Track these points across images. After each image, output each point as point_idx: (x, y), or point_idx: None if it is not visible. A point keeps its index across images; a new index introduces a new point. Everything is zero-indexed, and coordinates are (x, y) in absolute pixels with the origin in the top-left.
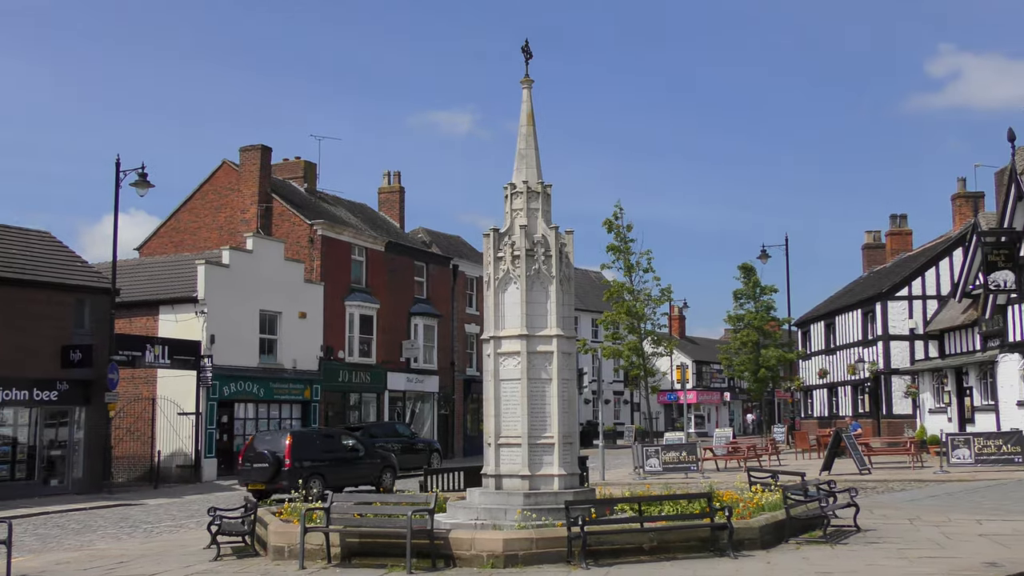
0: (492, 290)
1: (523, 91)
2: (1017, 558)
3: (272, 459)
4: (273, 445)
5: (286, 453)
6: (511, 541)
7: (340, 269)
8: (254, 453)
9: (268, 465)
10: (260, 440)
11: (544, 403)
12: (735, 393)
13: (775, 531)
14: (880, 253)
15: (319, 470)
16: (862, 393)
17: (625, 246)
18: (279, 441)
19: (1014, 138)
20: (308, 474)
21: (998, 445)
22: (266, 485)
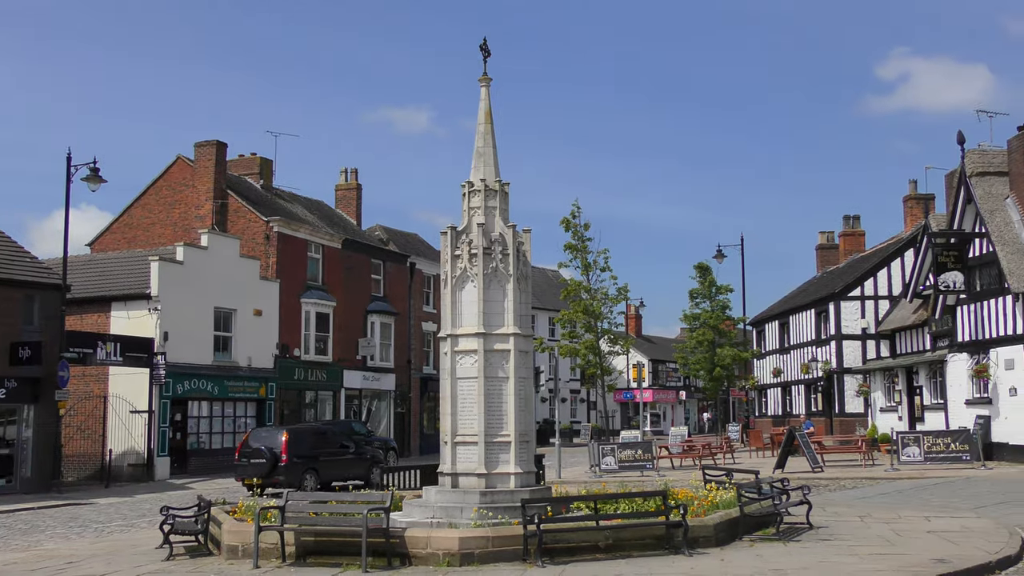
0: (449, 288)
1: (481, 89)
2: (964, 554)
3: (269, 455)
4: (270, 441)
5: (282, 449)
6: (467, 539)
7: (296, 266)
8: (250, 449)
9: (265, 460)
10: (256, 436)
11: (501, 401)
12: (690, 392)
13: (729, 529)
14: (834, 253)
15: (313, 465)
16: (815, 392)
17: (582, 245)
18: (275, 437)
19: (964, 141)
20: (303, 469)
21: (947, 443)
22: (263, 480)
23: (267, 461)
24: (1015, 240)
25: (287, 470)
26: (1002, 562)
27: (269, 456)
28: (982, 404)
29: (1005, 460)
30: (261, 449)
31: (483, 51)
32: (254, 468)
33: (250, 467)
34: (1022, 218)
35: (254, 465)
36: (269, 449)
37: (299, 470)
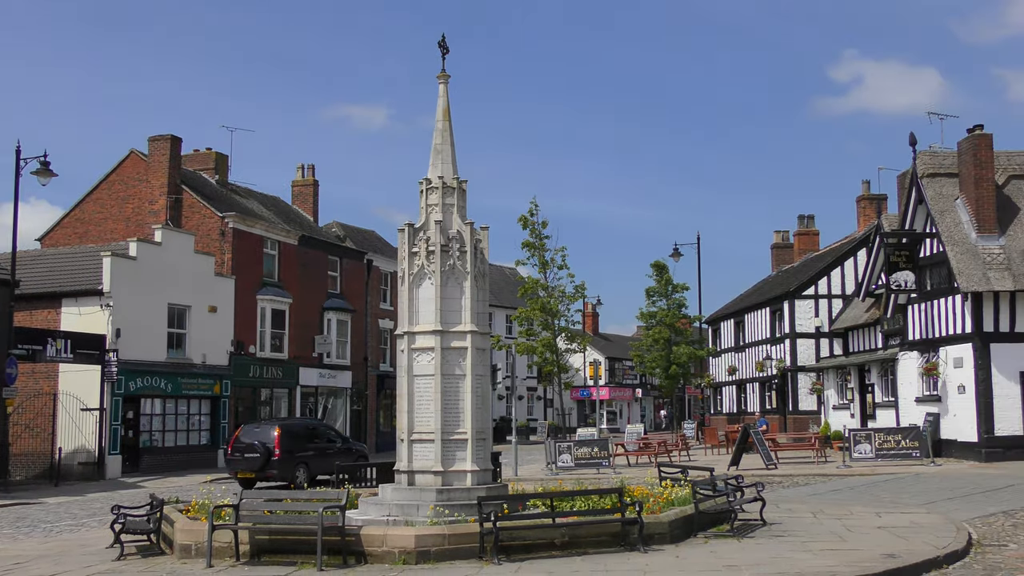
0: (407, 285)
1: (439, 86)
2: (913, 549)
3: (263, 449)
4: (263, 436)
5: (275, 444)
6: (423, 537)
7: (252, 262)
8: (244, 444)
9: (259, 455)
10: (248, 432)
11: (458, 399)
12: (647, 389)
13: (684, 525)
14: (788, 252)
15: (304, 460)
16: (770, 390)
17: (540, 243)
18: (268, 433)
19: (915, 143)
20: (295, 463)
21: (897, 440)
22: (256, 474)
23: (261, 455)
24: (964, 240)
25: (280, 464)
26: (949, 557)
27: (263, 451)
28: (932, 402)
29: (953, 457)
30: (255, 444)
31: (441, 48)
32: (248, 462)
33: (244, 461)
34: (971, 219)
35: (248, 459)
36: (262, 444)
37: (291, 464)
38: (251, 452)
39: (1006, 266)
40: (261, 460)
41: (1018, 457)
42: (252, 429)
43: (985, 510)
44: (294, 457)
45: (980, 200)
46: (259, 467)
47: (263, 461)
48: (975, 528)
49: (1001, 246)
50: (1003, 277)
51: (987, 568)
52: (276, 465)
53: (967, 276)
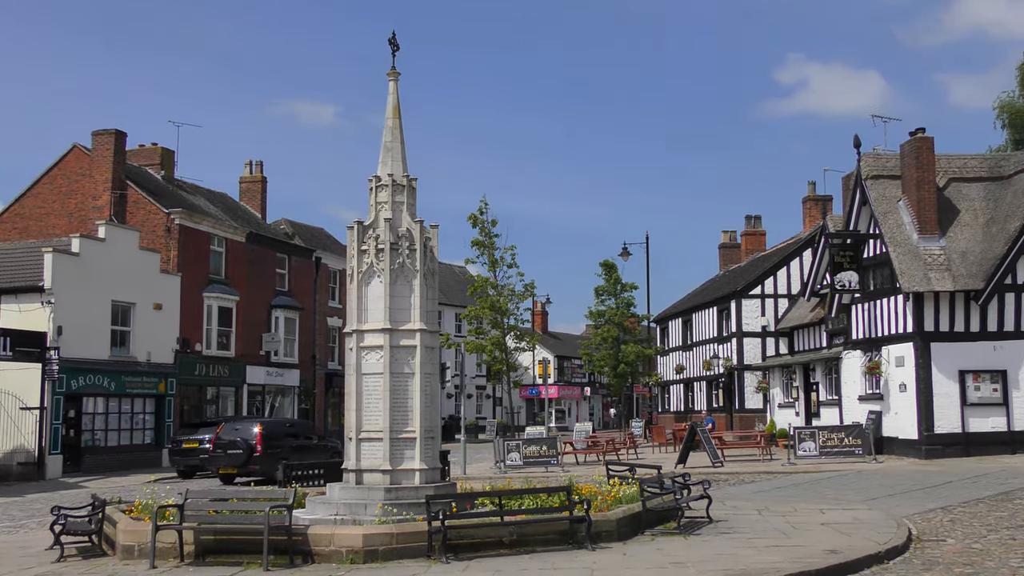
0: (355, 283)
1: (389, 83)
2: (855, 545)
3: (245, 446)
4: (244, 433)
5: (257, 440)
6: (371, 536)
7: (198, 260)
8: (226, 441)
9: (241, 451)
10: (229, 429)
11: (406, 397)
12: (595, 388)
13: (632, 523)
14: (736, 252)
15: (283, 456)
16: (716, 388)
17: (490, 241)
18: (250, 429)
19: (859, 145)
20: (276, 459)
21: (841, 438)
22: (238, 470)
23: (243, 452)
24: (906, 242)
25: (261, 460)
26: (890, 552)
27: (245, 447)
28: (874, 400)
29: (895, 454)
30: (236, 441)
31: (392, 45)
32: (230, 459)
33: (226, 458)
34: (913, 220)
35: (230, 456)
36: (244, 440)
37: (272, 460)
38: (233, 448)
39: (946, 267)
40: (243, 456)
41: (956, 454)
42: (233, 426)
43: (924, 506)
44: (275, 453)
45: (922, 202)
46: (241, 463)
47: (245, 457)
48: (915, 524)
49: (942, 247)
50: (943, 278)
51: (926, 563)
52: (258, 461)
53: (909, 277)
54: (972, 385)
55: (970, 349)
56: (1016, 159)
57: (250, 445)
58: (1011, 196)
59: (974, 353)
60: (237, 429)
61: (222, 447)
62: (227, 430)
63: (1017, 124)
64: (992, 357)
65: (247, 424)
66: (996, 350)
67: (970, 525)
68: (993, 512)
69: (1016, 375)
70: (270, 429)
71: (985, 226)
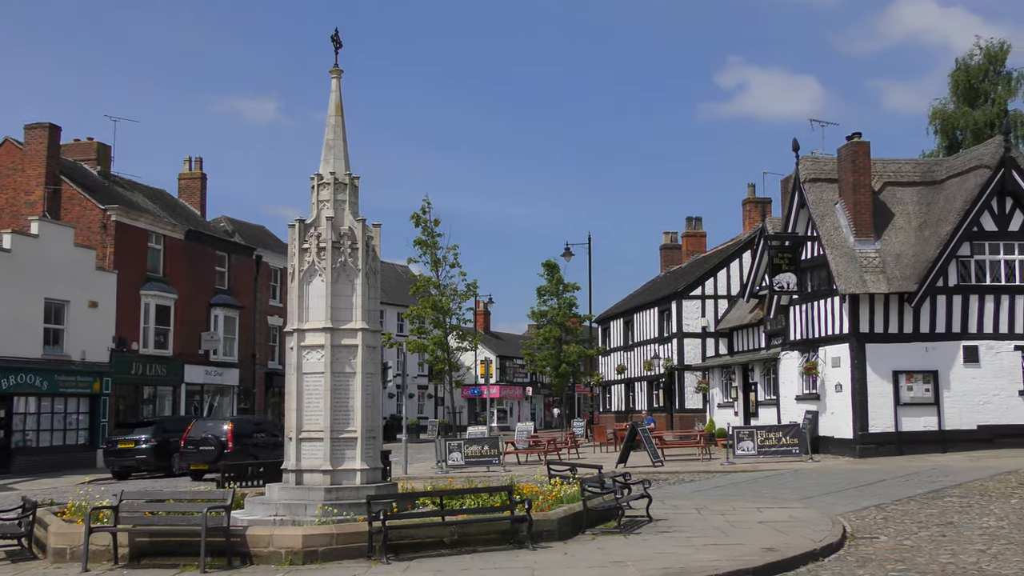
0: (297, 282)
1: (332, 80)
2: (792, 543)
3: (216, 443)
4: (215, 431)
5: (229, 437)
6: (311, 537)
7: (136, 257)
8: (197, 438)
9: (213, 448)
10: (200, 427)
11: (348, 397)
12: (537, 388)
13: (573, 523)
14: (677, 253)
15: (253, 452)
16: (657, 388)
17: (432, 241)
18: (220, 427)
19: (798, 148)
20: (246, 455)
21: (778, 437)
22: (209, 465)
23: (215, 448)
24: (843, 244)
25: (233, 456)
26: (826, 549)
27: (216, 444)
28: (811, 400)
29: (831, 453)
30: (208, 438)
31: (334, 42)
32: (203, 455)
33: (198, 454)
34: (850, 223)
35: (203, 452)
36: (216, 438)
37: (243, 456)
38: (205, 445)
39: (881, 269)
40: (215, 453)
41: (890, 453)
42: (204, 424)
43: (859, 504)
44: (245, 449)
45: (858, 205)
46: (213, 459)
47: (217, 454)
48: (849, 521)
49: (877, 250)
50: (878, 280)
51: (860, 559)
52: (229, 457)
53: (845, 279)
54: (905, 385)
55: (903, 350)
56: (948, 164)
57: (221, 442)
58: (943, 201)
59: (907, 354)
60: (208, 427)
61: (194, 444)
62: (198, 428)
63: (949, 131)
64: (924, 358)
65: (217, 422)
66: (928, 351)
67: (902, 522)
68: (924, 510)
69: (947, 376)
70: (240, 427)
71: (918, 230)
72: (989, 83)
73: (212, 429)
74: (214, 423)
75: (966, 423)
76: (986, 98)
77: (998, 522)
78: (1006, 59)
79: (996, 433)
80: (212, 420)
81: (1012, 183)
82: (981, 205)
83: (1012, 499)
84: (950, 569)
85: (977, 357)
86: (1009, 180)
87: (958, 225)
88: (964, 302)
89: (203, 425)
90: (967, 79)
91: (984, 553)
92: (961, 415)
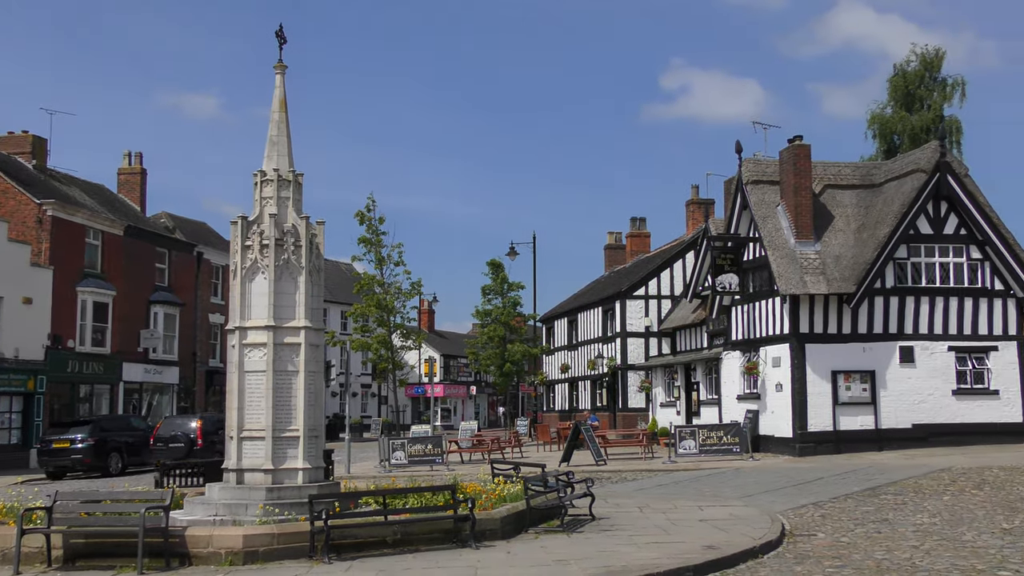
0: (239, 279)
1: (276, 76)
2: (732, 540)
3: (185, 439)
4: (184, 428)
5: (198, 434)
6: (251, 537)
7: (72, 253)
8: (167, 435)
9: (183, 445)
10: (169, 425)
11: (290, 396)
12: (481, 387)
13: (516, 521)
14: (621, 253)
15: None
16: (601, 387)
17: (377, 239)
18: (189, 424)
19: (741, 150)
20: (214, 451)
21: (720, 436)
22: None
23: (184, 445)
24: (784, 246)
25: (202, 453)
26: (765, 547)
27: (186, 440)
28: (752, 399)
29: (770, 452)
30: (177, 435)
31: (279, 38)
32: (172, 451)
33: (168, 451)
34: (791, 225)
35: (172, 449)
36: (185, 435)
37: (212, 453)
38: (175, 442)
39: (821, 271)
40: (185, 449)
41: (828, 451)
42: (173, 422)
43: (797, 502)
44: (214, 447)
45: (799, 207)
46: (183, 455)
47: (187, 450)
48: (788, 519)
49: (817, 251)
50: (818, 281)
51: (798, 556)
52: (199, 454)
53: (786, 280)
54: (843, 385)
55: (842, 350)
56: (886, 168)
57: (190, 439)
58: (881, 204)
59: (846, 354)
60: (177, 424)
61: (163, 441)
62: (167, 425)
63: (887, 135)
64: (862, 358)
65: (186, 419)
66: (866, 351)
67: (839, 520)
68: (860, 507)
69: (884, 375)
70: (208, 424)
71: (857, 232)
72: (925, 89)
73: (181, 426)
74: (183, 420)
75: (902, 422)
76: (922, 103)
77: (931, 519)
78: (941, 65)
79: (930, 432)
80: (181, 417)
81: (947, 187)
82: (917, 209)
83: (944, 496)
84: (885, 565)
85: (913, 357)
86: (944, 184)
87: (895, 228)
88: (900, 303)
89: (172, 422)
90: (904, 85)
91: (917, 549)
92: (897, 414)
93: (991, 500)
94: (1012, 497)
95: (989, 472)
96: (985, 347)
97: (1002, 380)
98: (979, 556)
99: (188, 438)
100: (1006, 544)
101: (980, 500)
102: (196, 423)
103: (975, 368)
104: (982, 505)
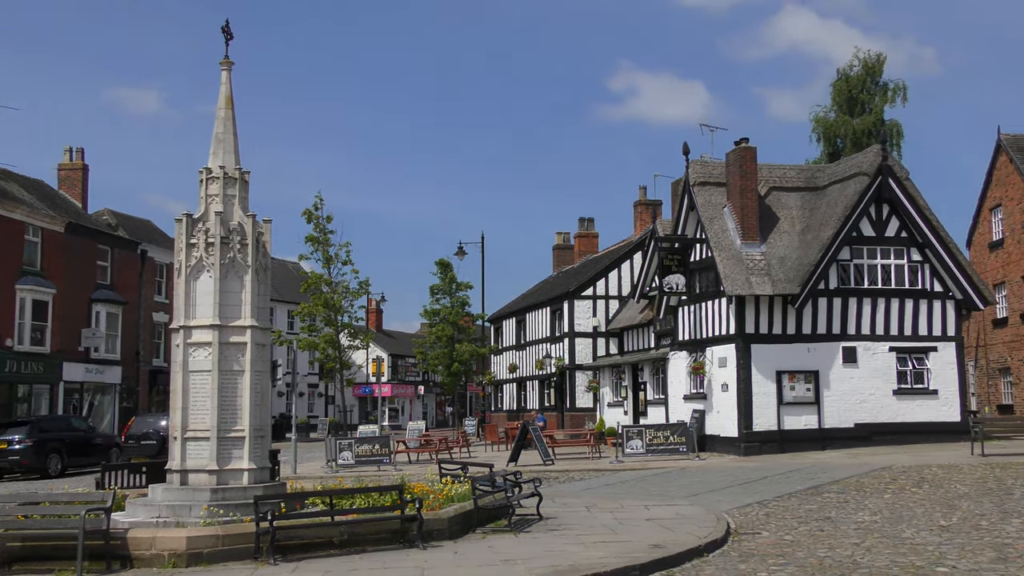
0: (184, 278)
1: (222, 72)
2: (678, 539)
3: (157, 437)
4: (156, 426)
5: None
6: (195, 539)
7: (10, 250)
8: (138, 433)
9: (155, 442)
10: (140, 423)
11: (235, 395)
12: (429, 387)
13: (463, 521)
14: (569, 254)
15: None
16: (548, 387)
17: (324, 237)
18: (159, 422)
19: (688, 152)
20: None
21: (666, 436)
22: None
23: (156, 443)
24: (730, 247)
25: None
26: (710, 545)
27: (158, 438)
28: (698, 399)
29: (717, 451)
30: (149, 433)
31: (225, 34)
32: (144, 449)
33: (139, 448)
34: (737, 227)
35: (144, 446)
36: (157, 432)
37: None
38: (146, 440)
39: (766, 272)
40: (157, 447)
41: (773, 451)
42: (144, 420)
43: (742, 501)
44: None
45: (744, 209)
46: (155, 453)
47: (159, 448)
48: (733, 518)
49: (762, 253)
50: (763, 282)
51: (742, 554)
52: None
53: (732, 280)
54: (788, 385)
55: (787, 351)
56: (830, 171)
57: (162, 437)
58: (825, 206)
59: (790, 354)
60: (149, 422)
61: (135, 439)
62: (138, 424)
63: (831, 138)
64: (806, 358)
65: (158, 418)
66: (810, 352)
67: (783, 518)
68: (804, 505)
69: (827, 375)
70: None
71: (801, 234)
72: (867, 93)
73: (152, 424)
74: (155, 418)
75: (844, 421)
76: (864, 107)
77: (872, 516)
78: (882, 70)
79: (872, 431)
80: (153, 416)
81: (888, 190)
82: (860, 211)
83: (885, 494)
84: (827, 563)
85: (855, 358)
86: (886, 187)
87: (839, 230)
88: (844, 304)
89: (144, 421)
90: (847, 89)
91: (859, 547)
92: (840, 414)
93: (930, 498)
94: (950, 495)
95: (928, 470)
96: (925, 348)
97: (941, 380)
98: (918, 553)
99: (160, 436)
100: (943, 541)
101: (919, 498)
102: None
103: (915, 368)
104: (921, 503)
